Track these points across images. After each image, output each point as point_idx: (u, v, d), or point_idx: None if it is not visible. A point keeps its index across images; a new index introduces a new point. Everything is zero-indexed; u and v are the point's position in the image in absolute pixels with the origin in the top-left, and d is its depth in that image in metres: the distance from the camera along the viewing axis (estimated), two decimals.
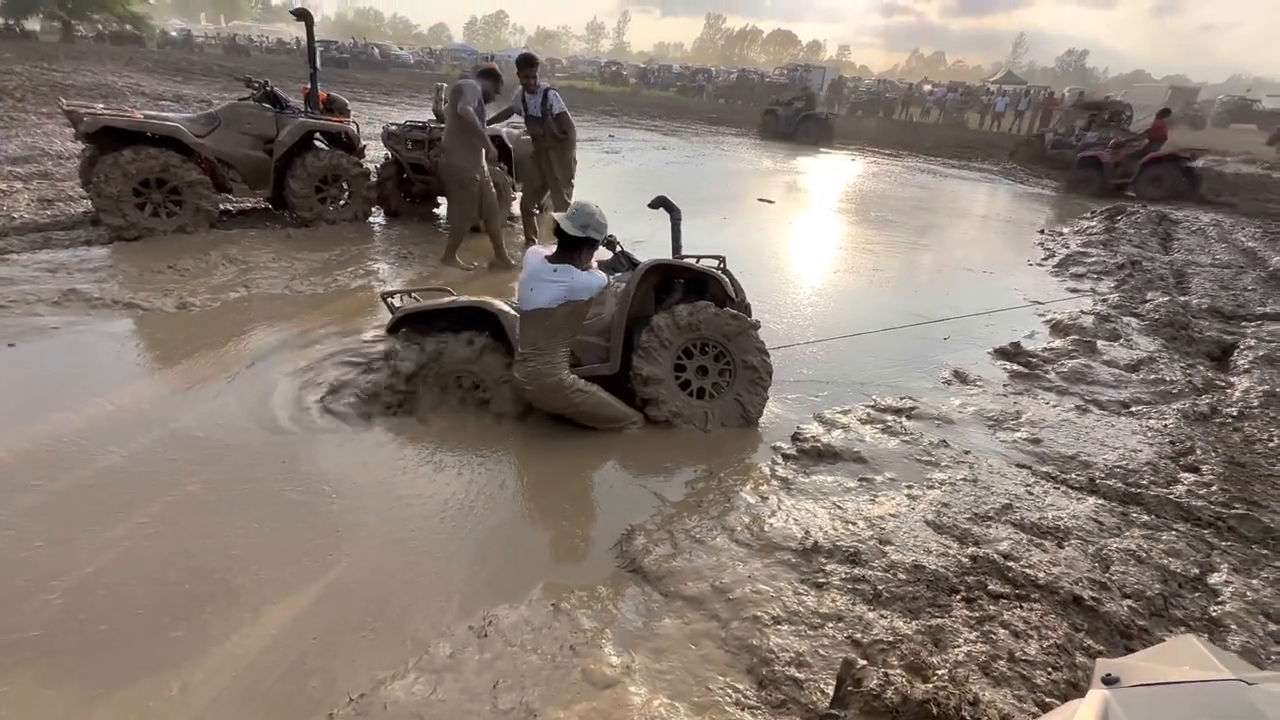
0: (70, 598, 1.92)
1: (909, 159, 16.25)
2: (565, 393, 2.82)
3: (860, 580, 2.18)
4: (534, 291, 2.77)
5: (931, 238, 7.91)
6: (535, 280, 2.78)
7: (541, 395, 2.84)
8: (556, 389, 2.80)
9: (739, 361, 3.15)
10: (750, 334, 3.15)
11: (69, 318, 3.70)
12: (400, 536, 2.27)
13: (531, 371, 2.78)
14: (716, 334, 3.12)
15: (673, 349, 3.09)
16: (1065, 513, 2.66)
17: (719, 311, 3.11)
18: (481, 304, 3.08)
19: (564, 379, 2.80)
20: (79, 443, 2.62)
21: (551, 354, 2.78)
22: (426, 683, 1.73)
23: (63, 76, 15.07)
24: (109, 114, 5.03)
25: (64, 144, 8.01)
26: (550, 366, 2.78)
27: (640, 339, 3.07)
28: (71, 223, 5.36)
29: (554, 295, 2.71)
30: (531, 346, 2.79)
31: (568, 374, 2.83)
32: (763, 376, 3.17)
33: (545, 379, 2.78)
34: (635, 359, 3.06)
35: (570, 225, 2.74)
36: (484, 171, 4.95)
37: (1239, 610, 2.18)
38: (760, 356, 3.16)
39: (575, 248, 2.78)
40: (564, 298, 2.71)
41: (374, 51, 35.23)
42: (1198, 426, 3.53)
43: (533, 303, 2.77)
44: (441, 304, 3.13)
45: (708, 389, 3.18)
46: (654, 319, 3.09)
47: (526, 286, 2.82)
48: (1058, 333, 4.85)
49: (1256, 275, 6.70)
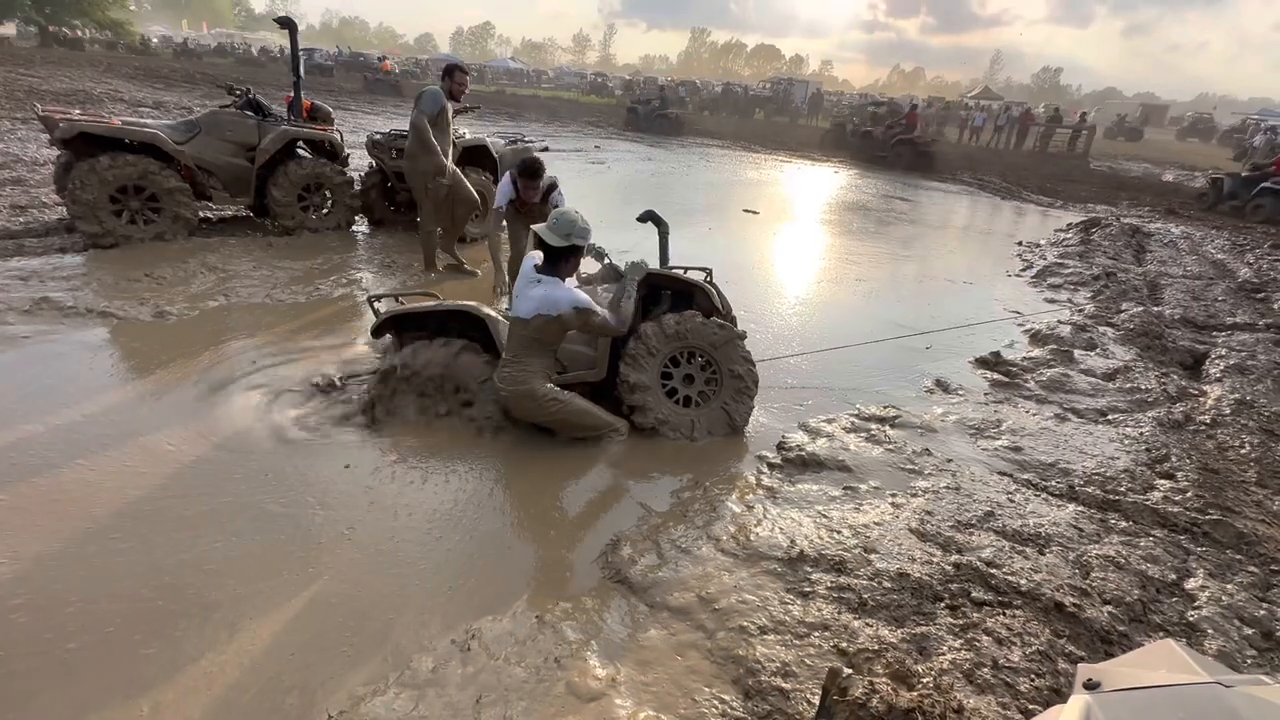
0: (35, 615, 1.85)
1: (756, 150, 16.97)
2: (538, 401, 2.79)
3: (846, 589, 2.19)
4: (518, 299, 2.77)
5: (915, 248, 8.03)
6: (521, 287, 2.78)
7: (515, 402, 2.82)
8: (529, 396, 2.78)
9: (725, 370, 3.16)
10: (736, 343, 3.17)
11: (40, 326, 3.61)
12: (382, 549, 2.24)
13: (506, 377, 2.77)
14: (703, 343, 3.13)
15: (660, 357, 3.09)
16: (1046, 520, 2.69)
17: (706, 321, 3.13)
18: (467, 308, 3.06)
19: (535, 388, 2.78)
20: (45, 455, 2.55)
21: (526, 363, 2.76)
22: (408, 698, 1.70)
23: (39, 81, 14.81)
24: (85, 119, 4.94)
25: (39, 150, 7.86)
26: (524, 374, 2.76)
27: (628, 346, 3.07)
28: (45, 230, 5.24)
29: (529, 307, 2.69)
30: (510, 353, 2.79)
31: (541, 384, 2.80)
32: (748, 385, 3.18)
33: (518, 385, 2.76)
34: (622, 366, 3.06)
35: (552, 236, 2.70)
36: (447, 175, 4.90)
37: (1215, 615, 2.22)
38: (746, 366, 3.17)
39: (559, 258, 2.76)
40: (535, 310, 2.68)
41: (378, 59, 35.17)
42: (1172, 434, 3.60)
43: (514, 310, 2.77)
44: (426, 307, 3.12)
45: (694, 397, 3.19)
46: (642, 327, 3.09)
47: (515, 291, 2.82)
48: (1036, 342, 4.94)
49: (1226, 286, 6.88)
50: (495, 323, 3.01)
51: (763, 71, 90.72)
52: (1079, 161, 19.75)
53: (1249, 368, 4.52)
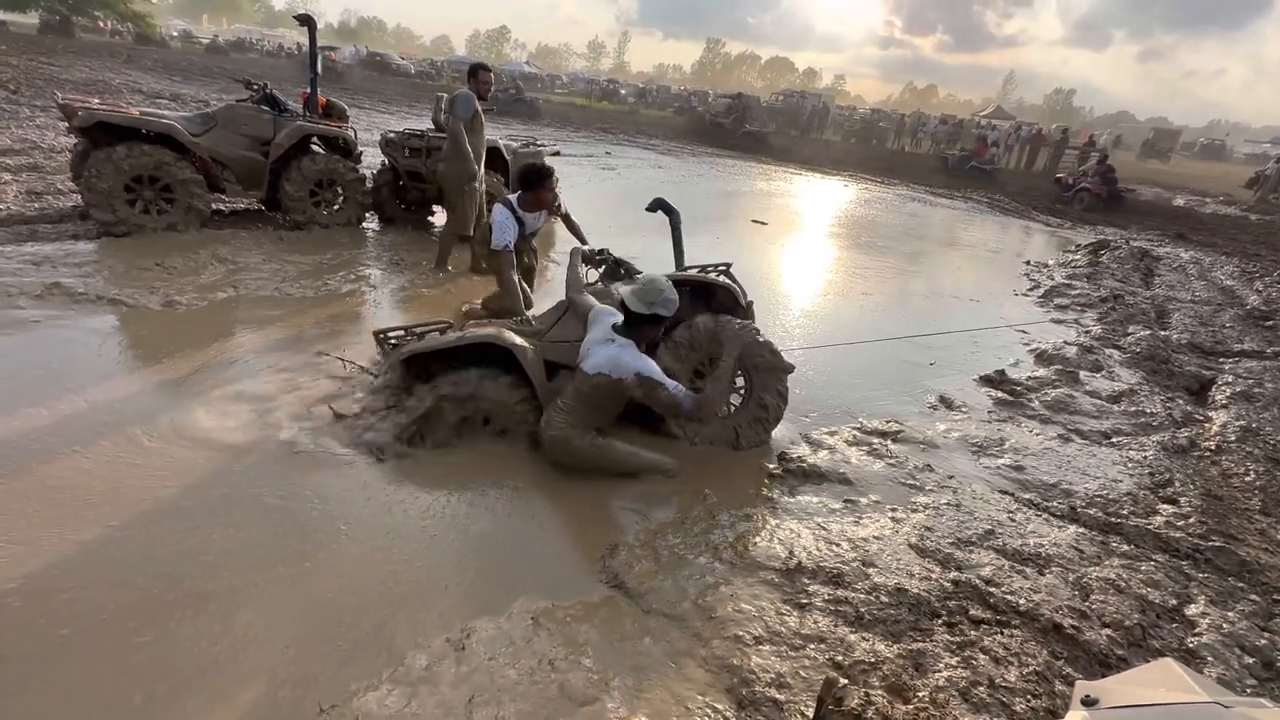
0: (29, 601, 1.85)
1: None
2: (575, 452, 2.68)
3: (843, 602, 2.17)
4: (588, 351, 2.72)
5: (922, 264, 8.03)
6: (594, 339, 2.74)
7: (552, 447, 2.72)
8: (565, 444, 2.68)
9: (755, 395, 3.14)
10: (781, 375, 3.13)
11: (51, 311, 3.64)
12: (379, 545, 2.23)
13: (551, 421, 2.69)
14: (748, 362, 3.10)
15: (691, 361, 3.11)
16: (1046, 540, 2.68)
17: (765, 341, 3.11)
18: (493, 339, 2.86)
19: (573, 439, 2.67)
20: (47, 439, 2.56)
21: (575, 414, 2.67)
22: (401, 695, 1.69)
23: (59, 70, 14.99)
24: (104, 109, 5.00)
25: (56, 138, 7.95)
26: (569, 423, 2.66)
27: (670, 338, 3.09)
28: (59, 216, 5.29)
29: (596, 363, 2.62)
30: (564, 399, 2.70)
31: (581, 436, 2.68)
32: (769, 420, 3.15)
33: (557, 432, 2.66)
34: None
35: (637, 303, 2.61)
36: (480, 181, 5.03)
37: (1215, 642, 2.20)
38: (777, 401, 3.15)
39: (641, 323, 2.66)
40: (599, 369, 2.60)
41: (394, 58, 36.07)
42: (1176, 459, 3.58)
43: (581, 360, 2.71)
44: (449, 341, 2.90)
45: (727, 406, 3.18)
46: (696, 320, 3.10)
47: (590, 339, 2.77)
48: (1042, 362, 4.92)
49: (1234, 313, 6.85)
50: (523, 351, 2.84)
51: (775, 84, 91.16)
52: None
53: (1255, 395, 4.50)
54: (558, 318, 3.21)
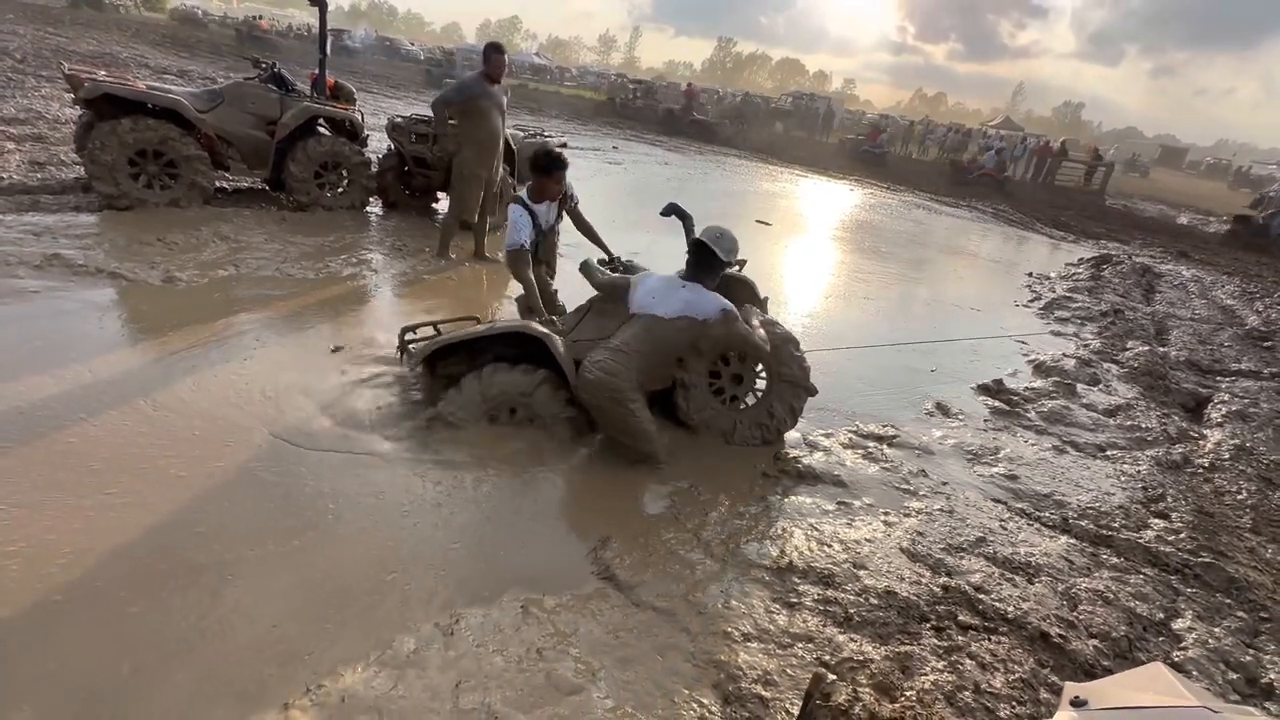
0: (27, 564, 1.86)
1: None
2: (619, 398, 2.62)
3: (832, 602, 2.18)
4: (654, 298, 2.77)
5: (925, 271, 8.03)
6: (652, 289, 2.79)
7: (594, 389, 2.63)
8: (613, 389, 2.60)
9: (768, 402, 3.15)
10: (799, 391, 3.15)
11: (50, 282, 3.63)
12: (371, 527, 2.24)
13: (603, 363, 2.60)
14: (779, 364, 3.10)
15: (711, 355, 3.11)
16: (1037, 550, 2.69)
17: (799, 356, 3.13)
18: (522, 328, 2.83)
19: (623, 386, 2.61)
20: (48, 407, 2.56)
21: (633, 358, 2.65)
22: (387, 677, 1.70)
23: (67, 41, 14.90)
24: (111, 81, 4.97)
25: (61, 109, 7.90)
26: (625, 369, 2.60)
27: None
28: (61, 187, 5.26)
29: (674, 307, 2.68)
30: (621, 341, 2.67)
31: (632, 386, 2.64)
32: (770, 429, 3.15)
33: (610, 376, 2.59)
34: None
35: (724, 252, 2.78)
36: (486, 169, 5.01)
37: (1200, 657, 2.21)
38: (785, 414, 3.16)
39: (712, 271, 2.81)
40: (681, 311, 2.69)
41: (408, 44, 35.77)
42: (1170, 475, 3.59)
43: (650, 308, 2.75)
44: (479, 331, 2.87)
45: (741, 397, 3.20)
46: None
47: (647, 293, 2.80)
48: (1040, 373, 4.93)
49: (1233, 333, 6.87)
50: (553, 340, 2.78)
51: (785, 85, 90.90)
52: (1094, 198, 19.76)
53: (1251, 415, 4.51)
54: (580, 317, 3.21)
